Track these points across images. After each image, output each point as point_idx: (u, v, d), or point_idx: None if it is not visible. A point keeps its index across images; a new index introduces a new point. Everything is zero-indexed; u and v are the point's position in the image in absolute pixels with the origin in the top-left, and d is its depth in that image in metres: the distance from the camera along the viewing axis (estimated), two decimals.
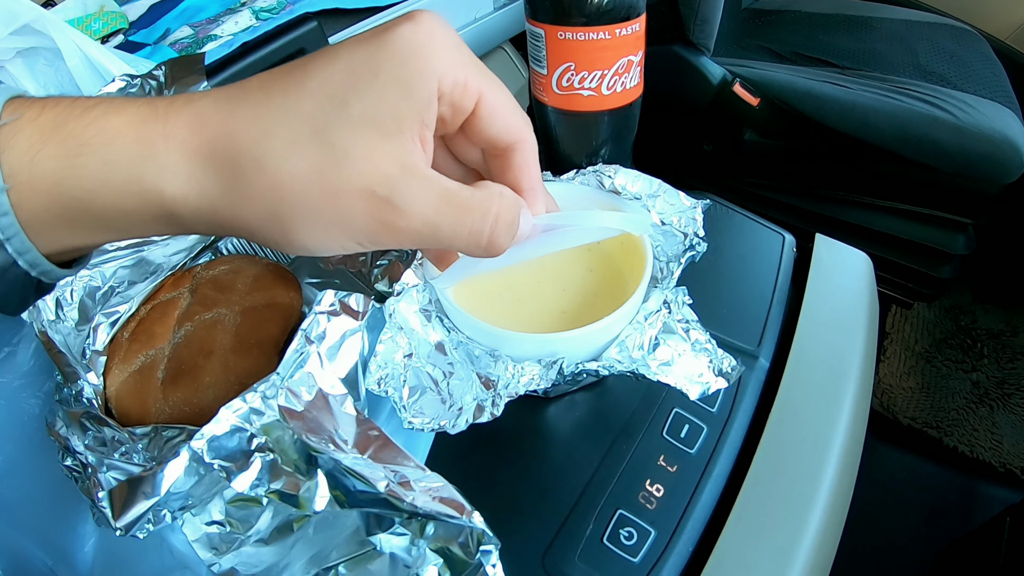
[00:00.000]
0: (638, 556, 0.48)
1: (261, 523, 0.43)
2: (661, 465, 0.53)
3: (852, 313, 0.70)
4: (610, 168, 0.58)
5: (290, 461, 0.39)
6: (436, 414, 0.44)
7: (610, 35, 0.61)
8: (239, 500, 0.42)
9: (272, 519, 0.43)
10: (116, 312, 0.53)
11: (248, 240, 0.35)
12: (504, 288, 0.56)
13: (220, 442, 0.38)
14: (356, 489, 0.37)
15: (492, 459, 0.53)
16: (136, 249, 0.55)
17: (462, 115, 0.33)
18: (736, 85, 1.33)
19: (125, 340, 0.52)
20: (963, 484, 1.45)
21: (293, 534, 0.43)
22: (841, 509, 0.58)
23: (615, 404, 0.57)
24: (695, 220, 0.55)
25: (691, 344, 0.47)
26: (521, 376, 0.44)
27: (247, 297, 0.53)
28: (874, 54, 1.44)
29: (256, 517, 0.43)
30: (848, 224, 1.42)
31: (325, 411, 0.40)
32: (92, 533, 0.47)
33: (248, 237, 0.31)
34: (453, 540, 0.35)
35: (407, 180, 0.29)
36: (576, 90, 0.64)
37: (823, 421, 0.59)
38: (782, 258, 0.73)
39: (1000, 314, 1.79)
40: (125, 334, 0.53)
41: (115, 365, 0.51)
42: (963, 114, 1.23)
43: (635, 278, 0.49)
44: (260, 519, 0.43)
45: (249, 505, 0.43)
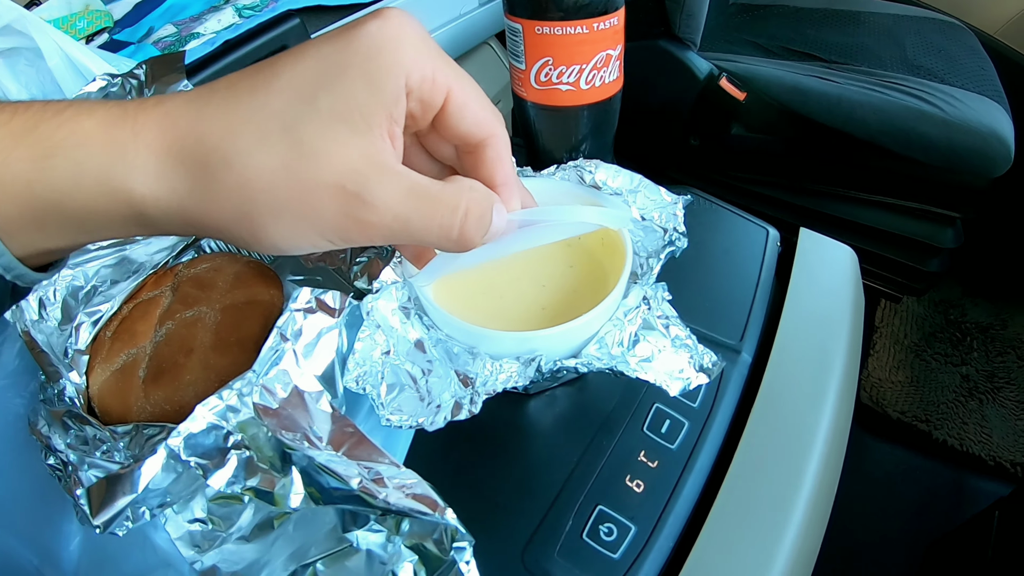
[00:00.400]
0: (618, 552, 0.48)
1: (243, 520, 0.43)
2: (642, 460, 0.53)
3: (836, 307, 0.70)
4: (591, 163, 0.58)
5: (265, 458, 0.39)
6: (414, 411, 0.43)
7: (588, 29, 0.60)
8: (221, 498, 0.42)
9: (253, 516, 0.43)
10: (98, 311, 0.53)
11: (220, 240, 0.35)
12: (484, 285, 0.56)
13: (197, 439, 0.39)
14: (330, 486, 0.37)
15: (472, 455, 0.53)
16: (118, 248, 0.55)
17: (432, 111, 0.33)
18: (723, 80, 1.33)
19: (107, 339, 0.52)
20: (953, 477, 1.46)
21: (274, 531, 0.42)
22: (825, 504, 0.58)
23: (595, 399, 0.57)
24: (676, 216, 0.55)
25: (671, 340, 0.46)
26: (499, 374, 0.44)
27: (227, 295, 0.53)
28: (861, 48, 1.44)
29: (238, 515, 0.43)
30: (836, 218, 1.42)
31: (300, 408, 0.40)
32: (77, 532, 0.47)
33: (219, 236, 0.31)
34: (428, 537, 0.35)
35: (376, 175, 0.29)
36: (554, 85, 0.64)
37: (806, 416, 0.59)
38: (766, 252, 0.73)
39: (989, 307, 1.79)
40: (107, 333, 0.52)
41: (97, 364, 0.51)
42: (950, 108, 1.23)
43: (616, 274, 0.49)
44: (242, 516, 0.43)
45: (231, 503, 0.43)
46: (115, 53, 0.79)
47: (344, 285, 0.56)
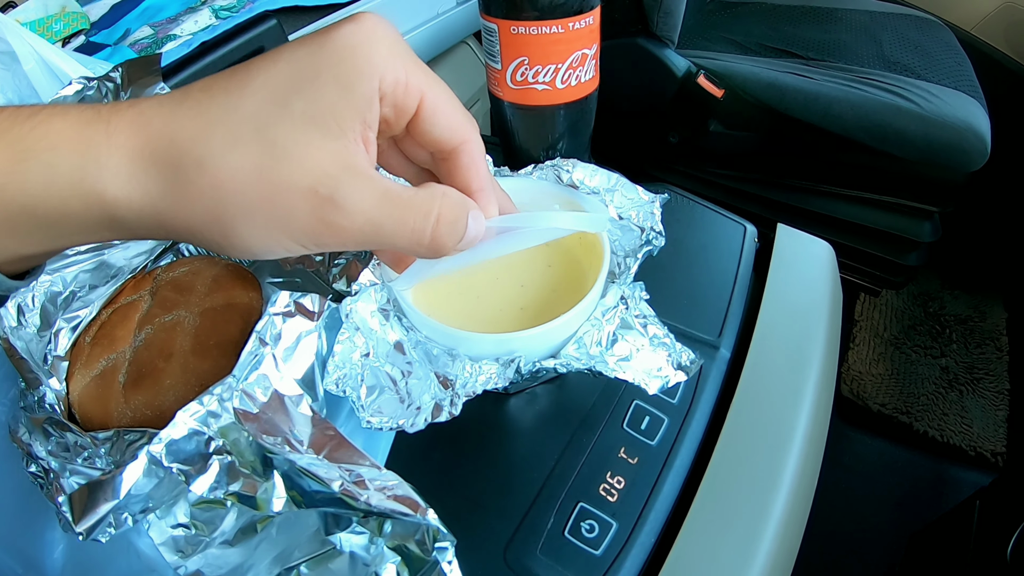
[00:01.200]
0: (600, 548, 0.48)
1: (226, 525, 0.43)
2: (622, 457, 0.53)
3: (814, 301, 0.71)
4: (568, 162, 0.58)
5: (247, 463, 0.39)
6: (394, 413, 0.43)
7: (563, 29, 0.60)
8: (203, 503, 0.42)
9: (236, 520, 0.43)
10: (77, 316, 0.53)
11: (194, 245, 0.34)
12: (463, 286, 0.56)
13: (178, 445, 0.38)
14: (311, 489, 0.37)
15: (453, 455, 0.54)
16: (97, 253, 0.54)
17: (405, 116, 0.33)
18: (700, 77, 1.33)
19: (87, 344, 0.52)
20: (934, 468, 1.48)
21: (257, 535, 0.43)
22: (805, 497, 0.59)
23: (575, 397, 0.57)
24: (653, 215, 0.55)
25: (649, 339, 0.47)
26: (479, 375, 0.44)
27: (206, 298, 0.53)
28: (839, 45, 1.45)
29: (221, 519, 0.43)
30: (815, 213, 1.43)
31: (280, 412, 0.40)
32: (61, 540, 0.47)
33: (192, 241, 0.31)
34: (410, 538, 0.36)
35: (349, 179, 0.30)
36: (530, 84, 0.64)
37: (785, 410, 0.60)
38: (743, 248, 0.73)
39: (968, 300, 1.81)
40: (87, 338, 0.52)
41: (77, 370, 0.50)
42: (927, 103, 1.24)
43: (595, 274, 0.50)
44: (225, 521, 0.43)
45: (214, 507, 0.43)
46: (91, 55, 0.78)
47: (323, 288, 0.57)
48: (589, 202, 0.55)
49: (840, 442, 1.50)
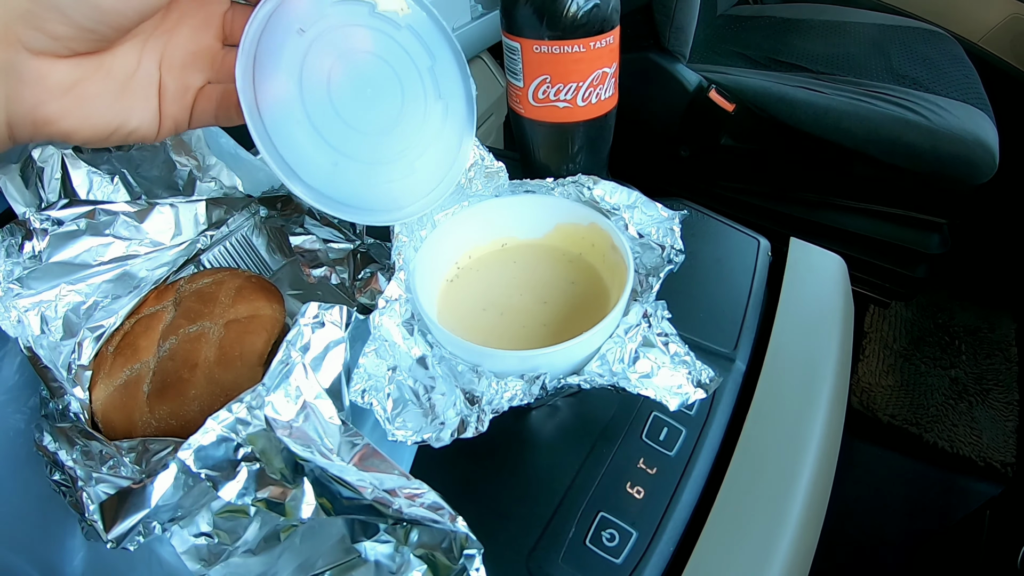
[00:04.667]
0: (620, 557, 0.48)
1: (248, 534, 0.43)
2: (641, 467, 0.54)
3: (827, 315, 0.71)
4: (589, 179, 0.59)
5: (276, 470, 0.40)
6: (419, 427, 0.44)
7: (584, 48, 0.61)
8: (227, 511, 0.43)
9: (260, 529, 0.43)
10: (101, 327, 0.53)
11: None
12: (485, 301, 0.57)
13: (207, 452, 0.39)
14: (343, 496, 0.37)
15: (475, 466, 0.54)
16: (119, 264, 0.55)
17: None
18: (712, 91, 1.34)
19: (110, 354, 0.52)
20: (944, 479, 1.47)
21: (280, 544, 0.43)
22: (819, 507, 0.59)
23: (595, 409, 0.58)
24: (673, 231, 0.56)
25: (670, 357, 0.47)
26: (504, 392, 0.44)
27: (230, 309, 0.53)
28: (847, 58, 1.46)
29: (244, 528, 0.43)
30: (825, 226, 1.44)
31: (310, 421, 0.41)
32: (81, 547, 0.47)
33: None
34: (437, 546, 0.36)
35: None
36: (552, 102, 0.65)
37: (799, 421, 0.60)
38: (757, 262, 0.74)
39: (977, 311, 1.81)
40: (110, 348, 0.53)
41: (100, 379, 0.51)
42: (935, 116, 1.25)
43: (617, 291, 0.50)
44: (248, 530, 0.43)
45: (236, 516, 0.43)
46: None
47: (344, 299, 0.57)
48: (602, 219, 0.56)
49: (850, 453, 1.50)
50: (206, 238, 0.60)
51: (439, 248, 0.58)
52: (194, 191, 0.60)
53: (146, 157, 0.59)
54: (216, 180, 0.61)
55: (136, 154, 0.58)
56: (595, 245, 0.58)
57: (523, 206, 0.60)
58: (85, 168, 0.55)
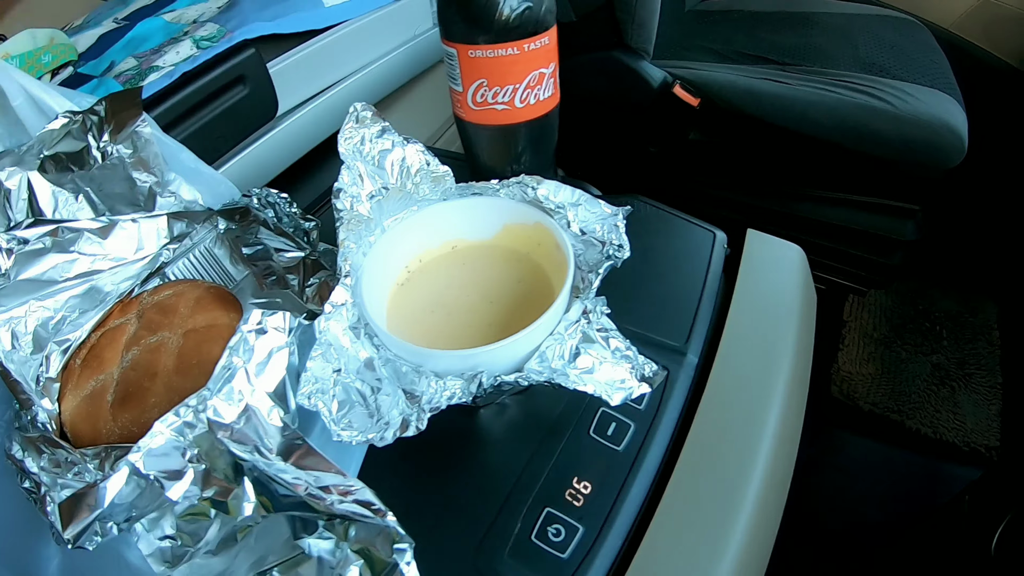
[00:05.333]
0: (566, 552, 0.49)
1: (209, 535, 0.45)
2: (588, 463, 0.54)
3: (783, 305, 0.72)
4: (533, 179, 0.60)
5: (220, 470, 0.41)
6: (364, 427, 0.45)
7: (519, 51, 0.62)
8: (189, 515, 0.44)
9: (219, 531, 0.45)
10: (67, 340, 0.55)
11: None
12: (432, 303, 0.58)
13: (156, 454, 0.41)
14: (279, 494, 0.39)
15: (425, 465, 0.55)
16: (85, 279, 0.56)
17: None
18: (676, 87, 1.34)
19: (77, 367, 0.54)
20: (928, 466, 1.47)
21: (237, 544, 0.44)
22: (775, 503, 0.60)
23: (543, 406, 0.58)
24: (616, 227, 0.56)
25: (611, 352, 0.48)
26: (444, 391, 0.45)
27: (189, 320, 0.55)
28: (815, 49, 1.46)
29: (205, 530, 0.45)
30: (798, 217, 1.44)
31: (251, 423, 0.42)
32: (55, 554, 0.48)
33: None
34: (373, 541, 0.38)
35: None
36: (490, 105, 0.66)
37: (753, 413, 0.61)
38: (712, 255, 0.74)
39: (958, 296, 1.82)
40: (77, 361, 0.54)
41: (68, 391, 0.52)
42: (901, 103, 1.25)
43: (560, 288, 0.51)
44: (208, 532, 0.45)
45: (198, 519, 0.45)
46: (79, 87, 0.80)
47: (302, 307, 0.59)
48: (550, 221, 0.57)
49: (831, 443, 1.51)
50: (169, 251, 0.61)
51: (388, 253, 0.59)
52: (155, 206, 0.61)
53: (107, 175, 0.60)
54: (175, 195, 0.62)
55: (98, 173, 0.59)
56: (541, 244, 0.59)
57: (471, 208, 0.61)
58: (50, 188, 0.56)
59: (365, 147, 0.58)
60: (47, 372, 0.53)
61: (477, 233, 0.63)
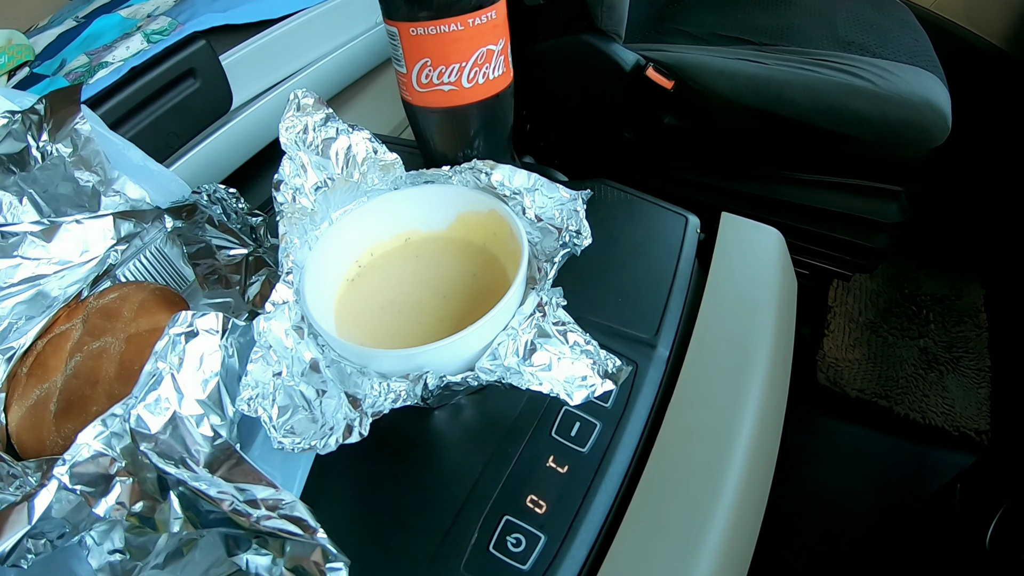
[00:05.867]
0: (528, 563, 0.47)
1: (157, 549, 0.43)
2: (551, 466, 0.52)
3: (760, 290, 0.69)
4: (486, 164, 0.57)
5: (147, 484, 0.39)
6: (306, 434, 0.43)
7: (463, 26, 0.59)
8: (136, 528, 0.42)
9: (166, 545, 0.43)
10: (11, 348, 0.53)
11: None
12: (382, 300, 0.55)
13: (82, 467, 0.39)
14: (204, 509, 0.37)
15: (376, 473, 0.52)
16: (32, 284, 0.54)
17: None
18: (649, 69, 1.32)
19: (23, 375, 0.52)
20: (916, 452, 1.47)
21: (183, 558, 0.42)
22: (755, 504, 0.58)
23: (501, 407, 0.56)
24: (576, 212, 0.54)
25: (570, 347, 0.45)
26: (388, 393, 0.43)
27: (132, 324, 0.53)
28: (792, 29, 1.44)
29: (153, 544, 0.43)
30: (778, 201, 1.42)
31: (178, 432, 0.40)
32: (9, 571, 0.47)
33: None
34: (306, 558, 0.36)
35: None
36: (436, 86, 0.63)
37: (728, 408, 0.58)
38: (684, 241, 0.72)
39: (944, 279, 1.81)
40: (23, 369, 0.53)
41: (15, 401, 0.51)
42: (882, 81, 1.23)
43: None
44: (156, 545, 0.43)
45: (145, 532, 0.43)
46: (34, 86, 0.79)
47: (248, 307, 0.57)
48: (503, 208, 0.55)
49: (818, 431, 1.50)
50: (117, 253, 0.59)
51: (336, 247, 0.56)
52: (100, 206, 0.60)
53: (49, 176, 0.58)
54: (120, 193, 0.60)
55: (39, 174, 0.58)
56: (496, 234, 0.57)
57: (423, 197, 0.59)
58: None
59: (308, 136, 0.55)
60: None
61: (431, 224, 0.60)
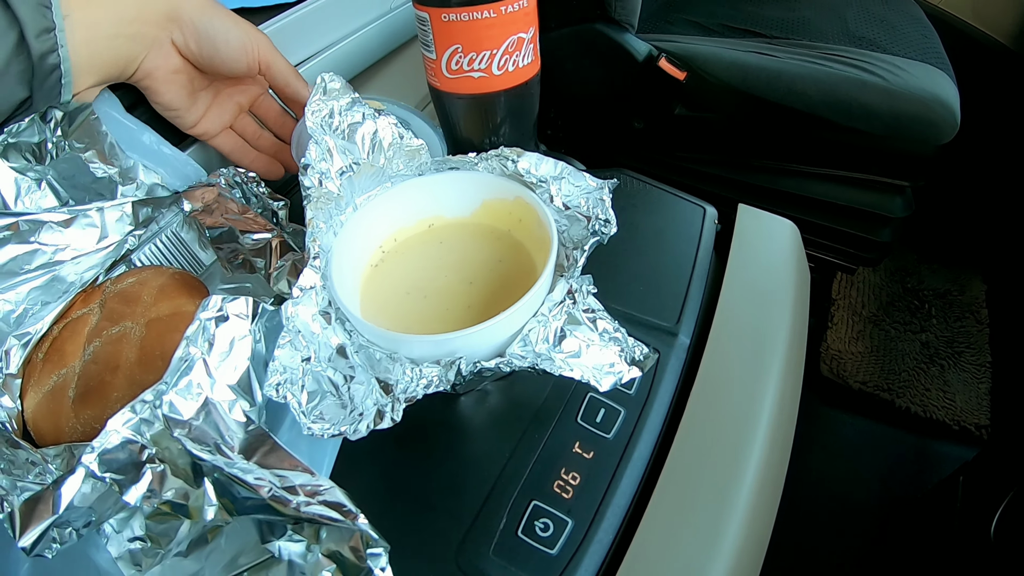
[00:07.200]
0: (555, 547, 0.47)
1: (180, 536, 0.42)
2: (576, 452, 0.52)
3: (777, 281, 0.70)
4: (513, 151, 0.57)
5: (180, 471, 0.39)
6: (336, 419, 0.42)
7: (495, 13, 0.59)
8: (158, 515, 0.42)
9: (189, 532, 0.42)
10: (27, 334, 0.52)
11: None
12: (408, 285, 0.55)
13: (112, 455, 0.38)
14: (241, 496, 0.36)
15: (403, 457, 0.52)
16: (48, 269, 0.54)
17: None
18: (661, 60, 1.31)
19: (39, 361, 0.51)
20: (917, 444, 1.48)
21: (208, 545, 0.42)
22: (774, 486, 0.58)
23: (528, 393, 0.56)
24: (602, 202, 0.54)
25: (599, 334, 0.45)
26: (420, 379, 0.42)
27: (152, 308, 0.52)
28: (803, 22, 1.44)
29: (175, 531, 0.42)
30: (786, 193, 1.42)
31: (211, 418, 0.40)
32: (25, 559, 0.47)
33: None
34: (344, 544, 0.35)
35: None
36: (466, 72, 0.63)
37: (748, 395, 0.59)
38: (703, 231, 0.72)
39: (946, 273, 1.81)
40: (39, 355, 0.52)
41: (31, 387, 0.50)
42: (893, 76, 1.23)
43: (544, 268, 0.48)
44: (179, 533, 0.42)
45: (168, 519, 0.42)
46: None
47: (270, 291, 0.56)
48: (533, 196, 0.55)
49: (820, 423, 1.50)
50: (134, 238, 0.58)
51: (361, 232, 0.56)
52: (117, 193, 0.59)
53: (67, 165, 0.58)
54: (136, 180, 0.60)
55: (58, 162, 0.57)
56: (522, 220, 0.56)
57: (448, 183, 0.59)
58: (12, 175, 0.54)
59: (334, 120, 0.54)
60: (7, 368, 0.51)
61: (455, 210, 0.60)
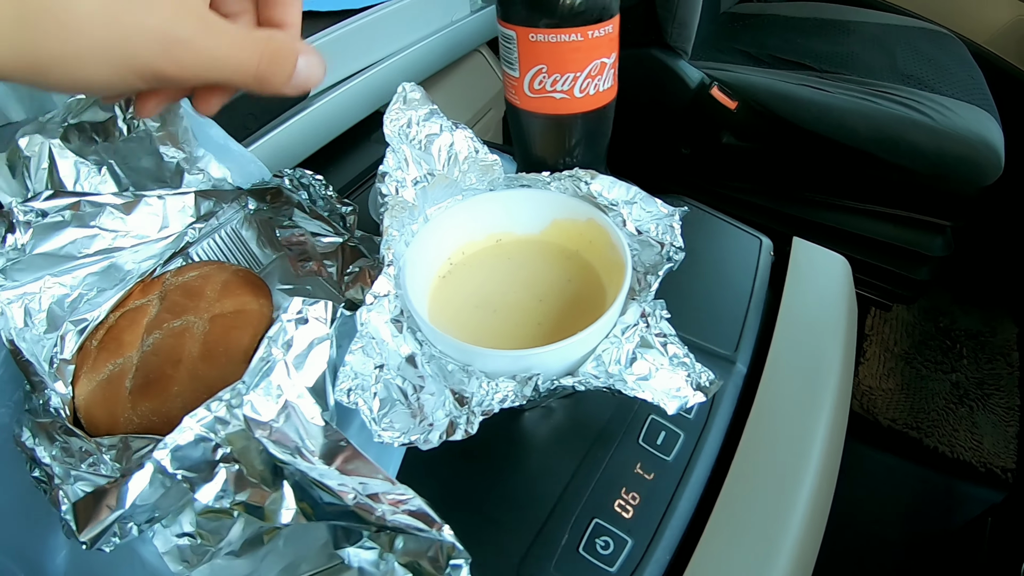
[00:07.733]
0: (615, 565, 0.47)
1: (232, 535, 0.42)
2: (637, 473, 0.52)
3: (830, 316, 0.70)
4: (586, 173, 0.57)
5: (256, 472, 0.38)
6: (407, 428, 0.42)
7: (582, 37, 0.59)
8: (210, 512, 0.41)
9: (243, 531, 0.42)
10: (84, 320, 0.52)
11: (29, 84, 0.35)
12: (478, 298, 0.55)
13: (184, 452, 0.38)
14: (323, 501, 0.36)
15: (465, 469, 0.52)
16: (105, 256, 0.54)
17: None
18: (714, 88, 1.32)
19: (94, 348, 0.51)
20: (944, 484, 1.46)
21: (264, 546, 0.41)
22: (821, 514, 0.58)
23: (590, 411, 0.56)
24: (672, 228, 0.54)
25: (669, 358, 0.45)
26: (495, 393, 0.42)
27: (216, 304, 0.52)
28: (851, 57, 1.44)
29: (227, 529, 0.42)
30: (826, 226, 1.42)
31: (291, 421, 0.39)
32: (64, 545, 0.46)
33: (29, 80, 0.31)
34: (423, 554, 0.35)
35: (194, 21, 0.32)
36: (548, 93, 0.63)
37: (802, 426, 0.59)
38: (759, 262, 0.72)
39: (979, 315, 1.80)
40: (93, 342, 0.52)
41: (83, 374, 0.50)
42: (940, 116, 1.23)
43: (614, 289, 0.48)
44: (231, 531, 0.42)
45: (220, 517, 0.42)
46: None
47: (334, 296, 0.56)
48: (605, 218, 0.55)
49: (849, 457, 1.49)
50: (194, 231, 0.58)
51: (431, 243, 0.56)
52: (182, 183, 0.59)
53: (132, 149, 0.58)
54: (204, 172, 0.60)
55: (123, 145, 0.57)
56: (593, 242, 0.56)
57: (519, 200, 0.59)
58: (72, 158, 0.55)
59: (411, 130, 0.55)
60: (61, 353, 0.51)
61: (524, 227, 0.60)
